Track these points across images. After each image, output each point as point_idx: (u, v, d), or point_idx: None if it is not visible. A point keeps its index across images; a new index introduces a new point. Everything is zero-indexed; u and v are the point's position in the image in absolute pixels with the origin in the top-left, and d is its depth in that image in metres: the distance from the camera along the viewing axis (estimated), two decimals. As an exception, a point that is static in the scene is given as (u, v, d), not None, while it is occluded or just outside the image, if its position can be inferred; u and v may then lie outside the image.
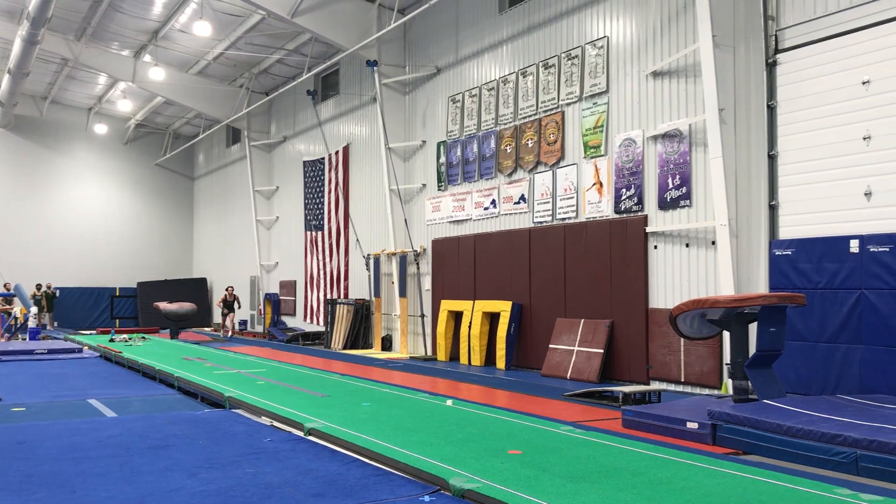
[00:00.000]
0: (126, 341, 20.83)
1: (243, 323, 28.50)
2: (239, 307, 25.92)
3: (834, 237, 9.56)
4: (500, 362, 14.82)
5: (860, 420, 6.83)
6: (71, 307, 31.08)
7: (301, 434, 7.58)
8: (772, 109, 10.52)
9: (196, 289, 31.88)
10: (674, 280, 11.91)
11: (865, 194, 9.40)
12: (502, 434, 7.32)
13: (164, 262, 33.97)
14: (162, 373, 13.02)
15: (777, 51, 10.51)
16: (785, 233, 10.33)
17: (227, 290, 25.46)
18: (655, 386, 11.28)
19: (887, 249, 8.94)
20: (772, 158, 10.50)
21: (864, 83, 9.48)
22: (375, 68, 18.67)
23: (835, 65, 9.79)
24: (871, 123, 9.37)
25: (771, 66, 10.56)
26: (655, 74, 12.35)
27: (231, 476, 5.75)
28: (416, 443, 6.79)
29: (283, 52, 23.03)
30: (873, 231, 9.19)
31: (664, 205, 12.08)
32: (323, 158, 23.13)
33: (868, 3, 9.47)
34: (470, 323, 15.81)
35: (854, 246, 9.29)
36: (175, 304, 24.52)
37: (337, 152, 22.21)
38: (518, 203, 15.25)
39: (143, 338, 22.50)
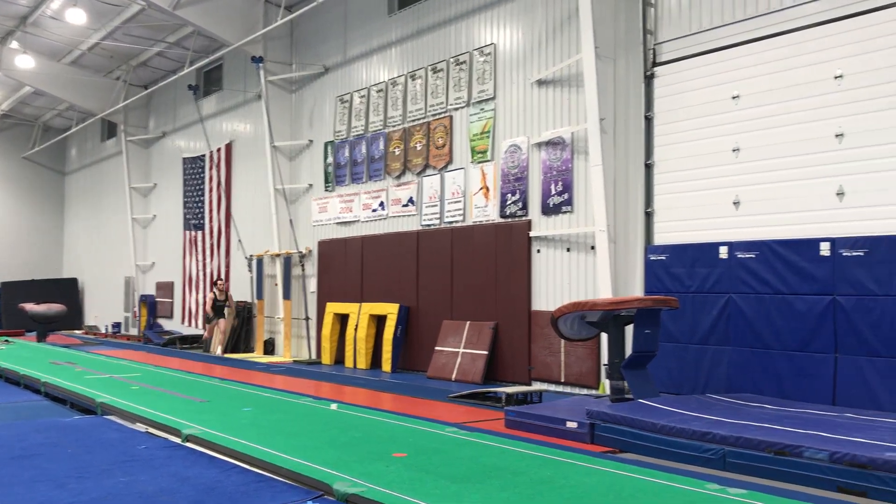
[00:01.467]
0: (-13, 345, 19.55)
1: (117, 326, 27.31)
2: (232, 310, 19.38)
3: (705, 243, 10.04)
4: (386, 365, 14.78)
5: (727, 418, 7.20)
6: (-76, 308, 28.94)
7: (178, 440, 7.31)
8: (649, 120, 10.96)
9: (66, 289, 30.26)
10: (555, 283, 12.21)
11: (734, 203, 9.92)
12: (387, 437, 7.29)
13: (32, 261, 32.02)
14: (27, 378, 12.28)
15: (655, 64, 10.96)
16: (660, 239, 10.77)
17: (217, 284, 18.85)
18: (537, 386, 11.53)
19: (753, 256, 9.46)
20: (648, 167, 10.93)
21: (734, 98, 10.00)
22: (261, 65, 18.28)
23: (708, 79, 10.30)
24: (739, 136, 9.90)
25: (649, 79, 11.00)
26: (540, 83, 12.64)
27: (103, 486, 5.47)
28: (298, 447, 6.67)
29: (164, 45, 22.18)
30: (741, 238, 9.71)
31: (547, 210, 12.37)
32: (204, 155, 22.45)
33: (738, 22, 10.01)
34: (356, 326, 15.70)
35: (723, 252, 9.79)
36: (43, 305, 23.20)
37: (219, 149, 21.60)
38: (406, 205, 15.27)
39: (7, 341, 21.16)
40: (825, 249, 8.82)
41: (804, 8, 9.37)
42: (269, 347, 18.88)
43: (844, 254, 8.64)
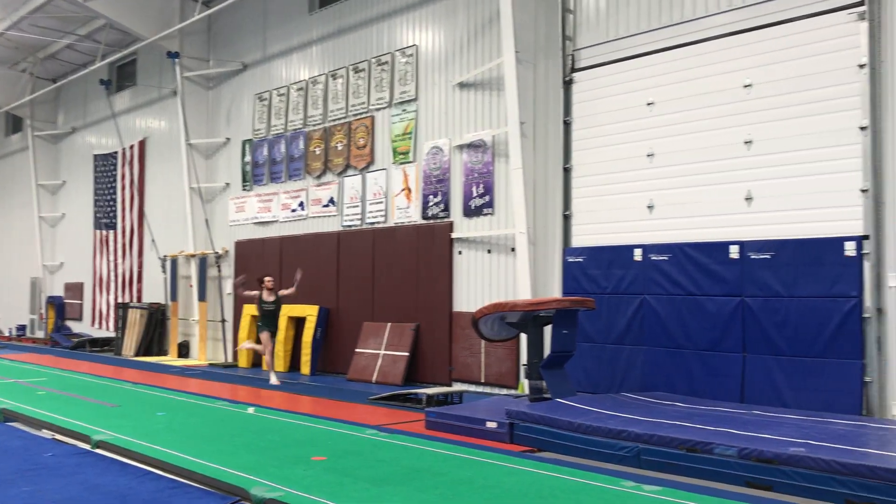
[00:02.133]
0: None
1: (22, 328, 26.18)
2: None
3: (620, 246, 10.27)
4: (306, 368, 14.60)
5: (642, 416, 7.38)
6: None
7: (88, 447, 7.07)
8: (567, 125, 11.14)
9: (-34, 291, 28.89)
10: (477, 284, 12.30)
11: (648, 207, 10.19)
12: (306, 440, 7.21)
13: (-73, 261, 30.46)
14: (-78, 384, 11.67)
15: (573, 69, 11.16)
16: (577, 241, 10.97)
17: (264, 281, 13.49)
18: (457, 387, 11.59)
19: (666, 258, 9.73)
20: (567, 171, 11.11)
21: (648, 104, 10.27)
22: (177, 60, 17.83)
23: (624, 86, 10.54)
24: (653, 142, 10.17)
25: (568, 84, 11.18)
26: (462, 85, 12.71)
27: (6, 496, 5.23)
28: (214, 452, 6.53)
29: (74, 38, 21.40)
30: (654, 241, 9.98)
31: (469, 212, 12.45)
32: (116, 153, 21.74)
33: (653, 31, 10.28)
34: (274, 327, 15.43)
35: (638, 254, 10.04)
36: (-60, 307, 22.11)
37: (132, 146, 20.96)
38: (327, 206, 15.12)
39: None
40: (734, 252, 9.14)
41: (715, 19, 9.69)
42: (184, 350, 18.41)
43: (752, 256, 8.98)
